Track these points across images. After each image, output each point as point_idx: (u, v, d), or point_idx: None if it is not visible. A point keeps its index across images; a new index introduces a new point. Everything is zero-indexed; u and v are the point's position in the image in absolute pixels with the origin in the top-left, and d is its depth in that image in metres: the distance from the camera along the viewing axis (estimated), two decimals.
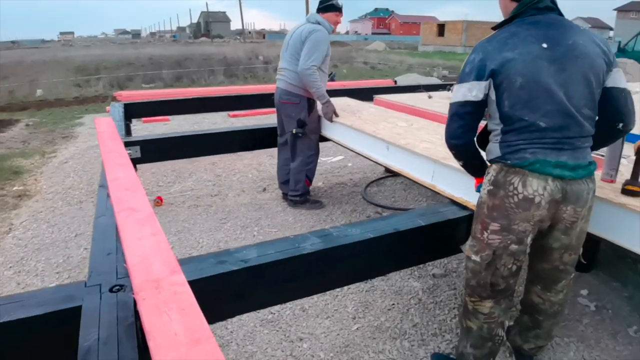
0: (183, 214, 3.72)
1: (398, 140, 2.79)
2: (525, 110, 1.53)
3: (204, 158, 5.00)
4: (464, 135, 1.67)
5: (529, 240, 1.64)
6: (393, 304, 2.53)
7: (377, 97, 4.53)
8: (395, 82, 10.04)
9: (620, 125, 1.67)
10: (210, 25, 72.39)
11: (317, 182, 4.47)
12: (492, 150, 1.66)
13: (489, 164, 1.73)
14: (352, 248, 1.77)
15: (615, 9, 53.69)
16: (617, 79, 1.62)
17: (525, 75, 1.51)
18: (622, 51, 13.53)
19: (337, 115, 3.50)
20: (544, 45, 1.53)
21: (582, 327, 2.42)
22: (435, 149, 2.60)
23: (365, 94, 5.12)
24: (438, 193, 2.47)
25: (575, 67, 1.53)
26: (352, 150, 3.37)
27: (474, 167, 1.81)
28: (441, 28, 37.79)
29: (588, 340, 2.32)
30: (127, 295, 1.38)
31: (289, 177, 3.90)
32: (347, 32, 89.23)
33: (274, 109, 8.47)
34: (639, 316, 2.53)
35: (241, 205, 3.91)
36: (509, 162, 1.58)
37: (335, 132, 3.58)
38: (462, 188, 2.24)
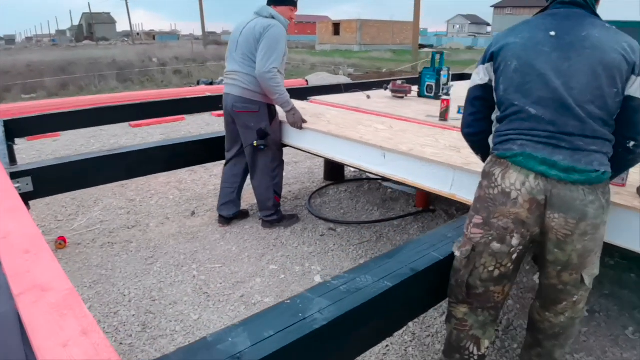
0: (96, 256, 2.97)
1: (398, 146, 2.42)
2: (517, 95, 1.44)
3: None
4: (475, 124, 1.63)
5: (514, 242, 1.44)
6: (387, 346, 2.13)
7: (313, 98, 4.10)
8: (307, 81, 9.75)
9: (632, 144, 1.47)
10: (93, 27, 66.61)
11: (253, 198, 3.93)
12: (490, 141, 1.60)
13: None
14: (370, 307, 1.32)
15: (492, 6, 59.13)
16: None
17: (521, 58, 1.44)
18: None
19: (305, 122, 3.03)
20: (552, 33, 1.43)
21: (584, 337, 2.28)
22: (444, 153, 2.31)
23: None
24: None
25: (582, 57, 1.38)
26: (331, 160, 2.92)
27: None
28: (337, 27, 38.65)
29: (595, 352, 2.18)
30: None
31: (234, 197, 3.36)
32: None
33: (182, 116, 7.85)
34: (629, 315, 2.45)
35: (169, 237, 3.24)
36: (496, 152, 1.48)
37: (304, 140, 3.09)
38: None
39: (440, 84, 4.03)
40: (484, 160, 1.69)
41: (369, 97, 4.11)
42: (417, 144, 2.47)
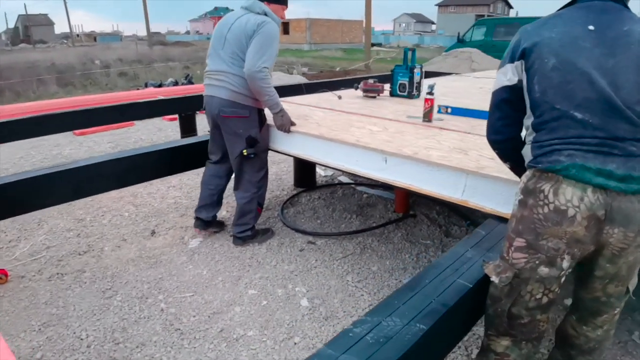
0: (44, 291, 2.54)
1: (400, 150, 2.21)
2: (557, 97, 1.27)
3: None
4: (505, 130, 1.47)
5: (565, 264, 1.29)
6: None
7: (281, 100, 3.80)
8: None
9: None
10: (30, 30, 62.56)
11: (221, 210, 3.60)
12: (526, 153, 1.40)
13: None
14: (407, 359, 1.07)
15: (436, 5, 60.96)
16: None
17: (559, 54, 1.27)
18: (461, 42, 14.78)
19: (294, 125, 2.78)
20: (590, 28, 1.28)
21: None
22: (452, 156, 2.12)
23: None
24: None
25: (629, 54, 1.24)
26: (324, 166, 2.70)
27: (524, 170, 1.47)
28: (285, 26, 38.32)
29: None
30: None
31: (214, 199, 3.08)
32: (187, 32, 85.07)
33: (132, 122, 7.31)
34: (630, 318, 2.37)
35: (128, 263, 2.85)
36: (540, 165, 1.29)
37: (293, 145, 2.81)
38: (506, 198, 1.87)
39: (414, 82, 3.84)
40: (514, 169, 1.56)
41: (340, 97, 3.86)
42: (420, 147, 2.27)
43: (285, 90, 6.39)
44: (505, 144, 1.50)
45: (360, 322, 1.17)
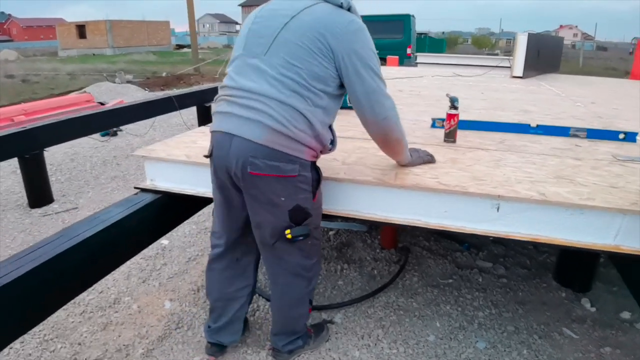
0: None
1: (515, 191, 1.62)
2: None
3: None
4: None
5: None
6: None
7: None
8: (93, 96, 7.77)
9: None
10: None
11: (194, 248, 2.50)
12: None
13: None
14: None
15: (239, 5, 61.01)
16: None
17: None
18: None
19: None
20: None
21: None
22: (583, 191, 1.65)
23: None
24: None
25: None
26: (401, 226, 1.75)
27: None
28: (81, 30, 33.74)
29: None
30: None
31: (244, 312, 2.00)
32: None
33: None
34: None
35: None
36: None
37: (400, 206, 1.74)
38: None
39: None
40: None
41: None
42: (526, 181, 1.74)
43: (156, 106, 5.31)
44: None
45: None
